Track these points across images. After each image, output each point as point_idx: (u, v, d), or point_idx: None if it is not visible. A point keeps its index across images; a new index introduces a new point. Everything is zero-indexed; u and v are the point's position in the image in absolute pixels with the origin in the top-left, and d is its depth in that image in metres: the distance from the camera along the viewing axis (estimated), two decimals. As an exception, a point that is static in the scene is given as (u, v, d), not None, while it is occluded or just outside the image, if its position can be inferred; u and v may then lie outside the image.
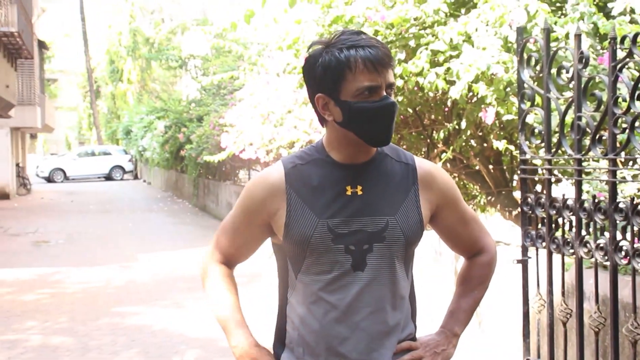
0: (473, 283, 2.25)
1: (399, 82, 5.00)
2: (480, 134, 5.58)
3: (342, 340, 2.03)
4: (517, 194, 5.74)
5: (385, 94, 1.97)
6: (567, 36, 4.50)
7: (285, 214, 2.05)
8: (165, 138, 21.53)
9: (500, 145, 4.91)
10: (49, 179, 36.63)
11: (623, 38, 3.17)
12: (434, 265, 6.14)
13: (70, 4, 51.20)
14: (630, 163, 4.02)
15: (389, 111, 1.98)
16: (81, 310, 7.92)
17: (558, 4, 5.11)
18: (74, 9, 48.61)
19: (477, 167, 5.96)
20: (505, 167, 5.90)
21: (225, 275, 2.21)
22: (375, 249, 2.03)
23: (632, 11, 4.72)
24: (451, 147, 5.53)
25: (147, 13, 45.68)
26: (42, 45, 30.49)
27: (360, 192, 2.04)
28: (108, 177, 37.23)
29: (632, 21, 4.62)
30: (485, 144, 5.67)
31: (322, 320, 2.04)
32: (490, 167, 5.84)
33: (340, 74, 1.96)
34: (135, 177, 38.60)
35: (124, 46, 45.01)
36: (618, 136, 3.19)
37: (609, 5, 4.86)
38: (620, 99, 3.16)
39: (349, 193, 2.04)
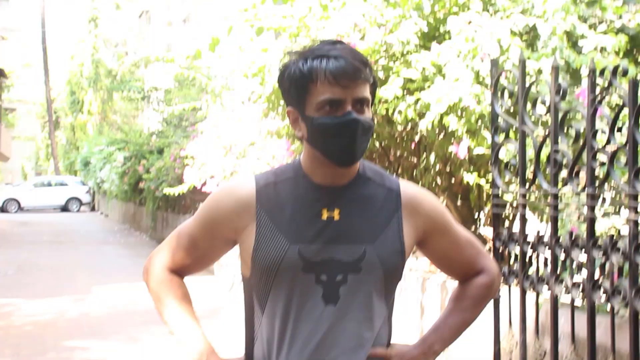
0: (465, 303, 2.04)
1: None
2: (448, 169, 5.48)
3: None
4: (484, 230, 5.64)
5: (349, 109, 1.78)
6: (539, 71, 4.45)
7: (254, 236, 1.86)
8: (125, 170, 21.21)
9: (471, 179, 4.81)
10: (3, 209, 35.80)
11: (602, 70, 3.09)
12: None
13: (32, 33, 50.81)
14: (601, 200, 3.94)
15: (351, 128, 1.78)
16: (28, 344, 7.56)
17: (529, 40, 5.08)
18: (36, 39, 48.24)
19: (444, 203, 5.86)
20: (472, 204, 5.80)
21: (177, 285, 2.02)
22: (350, 281, 1.84)
23: (603, 49, 4.71)
24: (419, 183, 5.42)
25: (111, 45, 45.44)
26: (0, 73, 30.03)
27: (337, 217, 1.86)
28: (64, 209, 36.53)
29: (604, 57, 4.60)
30: (453, 180, 5.58)
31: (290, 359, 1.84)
32: (458, 203, 5.74)
33: (304, 86, 1.81)
34: (93, 209, 37.94)
35: (86, 77, 44.55)
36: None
37: (579, 43, 4.84)
38: (599, 132, 3.07)
39: (324, 217, 1.86)
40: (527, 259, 3.47)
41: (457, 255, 2.02)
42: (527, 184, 3.52)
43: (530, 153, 3.56)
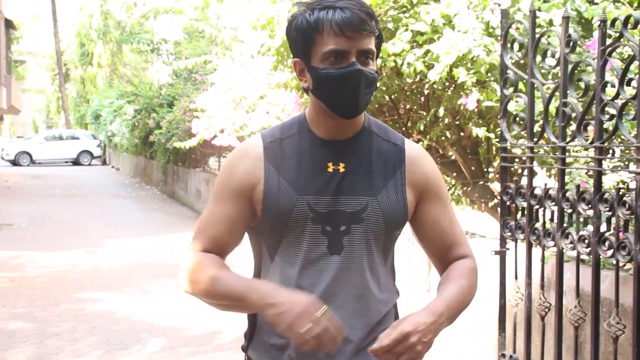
0: (462, 282, 1.95)
1: (377, 62, 4.83)
2: (457, 122, 5.45)
3: None
4: (493, 185, 5.63)
5: (354, 60, 1.80)
6: (550, 23, 4.38)
7: (263, 189, 1.90)
8: (135, 123, 21.21)
9: (480, 132, 4.78)
10: (15, 162, 36.03)
11: (613, 21, 3.04)
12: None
13: (41, -16, 50.40)
14: (610, 153, 3.92)
15: (354, 79, 1.80)
16: (41, 295, 7.69)
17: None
18: (45, -11, 47.87)
19: (453, 157, 5.84)
20: (481, 158, 5.78)
21: (220, 263, 1.92)
22: (353, 231, 1.88)
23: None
24: (428, 136, 5.40)
25: (120, -4, 45.09)
26: (9, 24, 29.85)
27: (342, 170, 1.89)
28: (75, 162, 36.70)
29: (616, 9, 4.52)
30: (462, 134, 5.54)
31: None
32: (467, 157, 5.72)
33: (310, 37, 1.83)
34: (104, 163, 38.10)
35: (95, 29, 44.31)
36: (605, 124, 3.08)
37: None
38: (608, 85, 3.04)
39: (330, 170, 1.89)
40: (533, 213, 3.47)
41: (444, 229, 1.99)
42: (536, 138, 3.50)
43: (539, 106, 3.53)
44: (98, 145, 37.24)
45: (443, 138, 5.59)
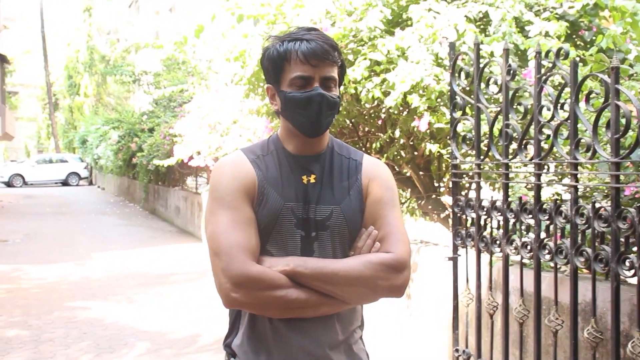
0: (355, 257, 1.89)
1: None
2: (412, 142, 5.48)
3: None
4: (444, 198, 5.66)
5: (317, 85, 1.83)
6: (492, 54, 4.44)
7: (256, 194, 1.88)
8: (119, 147, 20.97)
9: (433, 148, 4.81)
10: (9, 184, 35.36)
11: (547, 52, 3.09)
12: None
13: (32, 22, 49.75)
14: (546, 168, 3.96)
15: (316, 101, 1.83)
16: (36, 304, 7.51)
17: (482, 26, 5.07)
18: (35, 28, 47.28)
19: (408, 174, 5.86)
20: (433, 174, 5.81)
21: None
22: (321, 237, 1.88)
23: (547, 34, 4.71)
24: (385, 155, 5.42)
25: (104, 33, 44.74)
26: (3, 59, 29.41)
27: (313, 181, 1.91)
28: (65, 183, 36.16)
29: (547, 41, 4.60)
30: (415, 152, 5.57)
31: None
32: (420, 173, 5.75)
33: (280, 65, 1.86)
34: (90, 183, 37.58)
35: (82, 62, 43.87)
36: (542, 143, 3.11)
37: (526, 28, 4.84)
38: (544, 109, 3.08)
39: (304, 182, 1.91)
40: (482, 223, 3.49)
41: (377, 219, 1.92)
42: (482, 156, 3.53)
43: (484, 127, 3.57)
44: (85, 167, 36.73)
45: (399, 157, 5.61)
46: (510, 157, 3.29)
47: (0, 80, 29.06)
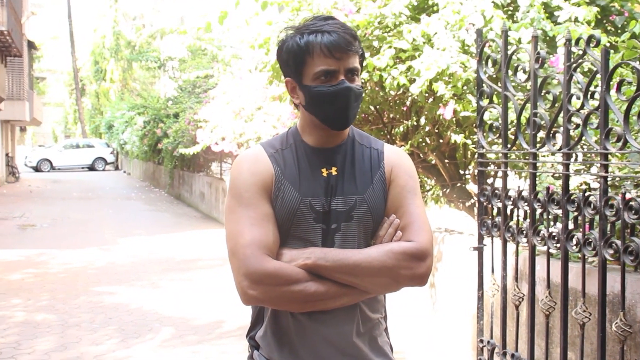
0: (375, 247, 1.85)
1: (364, 75, 4.79)
2: (437, 130, 5.42)
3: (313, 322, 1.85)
4: (469, 187, 5.60)
5: (342, 78, 1.80)
6: (519, 41, 4.36)
7: (273, 190, 1.86)
8: (144, 132, 21.11)
9: (458, 138, 4.75)
10: (37, 169, 35.82)
11: (577, 40, 3.02)
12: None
13: (59, 9, 50.18)
14: (574, 157, 3.89)
15: (344, 95, 1.80)
16: (62, 289, 7.61)
17: (510, 12, 4.98)
18: (62, 14, 47.64)
19: (433, 162, 5.81)
20: (459, 162, 5.75)
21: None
22: (343, 228, 1.85)
23: (576, 19, 4.61)
24: (409, 142, 5.37)
25: (130, 19, 44.94)
26: (31, 45, 29.71)
27: (334, 173, 1.88)
28: (91, 168, 36.54)
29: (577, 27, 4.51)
30: (441, 140, 5.51)
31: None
32: (446, 161, 5.69)
33: (301, 58, 1.82)
34: (116, 168, 37.93)
35: (108, 48, 44.17)
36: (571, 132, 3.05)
37: (555, 13, 4.75)
38: (574, 97, 3.01)
39: (324, 175, 1.88)
40: (508, 213, 3.44)
41: (399, 207, 1.89)
42: (509, 145, 3.47)
43: (511, 116, 3.51)
44: (111, 153, 37.07)
45: (424, 144, 5.56)
46: (537, 146, 3.23)
47: (29, 66, 29.36)
